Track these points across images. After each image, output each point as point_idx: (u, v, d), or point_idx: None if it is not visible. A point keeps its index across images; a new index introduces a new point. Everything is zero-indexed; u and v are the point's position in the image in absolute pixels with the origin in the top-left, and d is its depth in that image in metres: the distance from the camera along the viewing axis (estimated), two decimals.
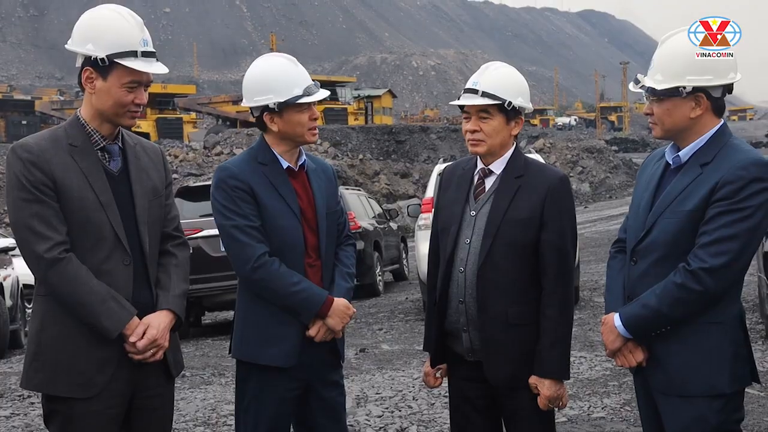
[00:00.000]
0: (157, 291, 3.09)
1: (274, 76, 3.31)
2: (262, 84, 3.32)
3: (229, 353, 3.45)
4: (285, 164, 3.37)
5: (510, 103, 3.18)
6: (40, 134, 3.04)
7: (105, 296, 2.92)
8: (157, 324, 3.01)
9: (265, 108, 3.32)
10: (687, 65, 2.91)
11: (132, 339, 2.96)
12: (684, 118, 2.94)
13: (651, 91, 2.96)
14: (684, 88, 2.91)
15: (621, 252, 3.18)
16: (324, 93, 3.40)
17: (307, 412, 3.39)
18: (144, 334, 2.97)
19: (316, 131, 3.41)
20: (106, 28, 2.96)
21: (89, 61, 2.96)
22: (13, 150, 2.94)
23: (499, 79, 3.20)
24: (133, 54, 2.96)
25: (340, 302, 3.33)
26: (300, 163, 3.42)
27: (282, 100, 3.28)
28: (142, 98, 3.02)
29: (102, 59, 2.94)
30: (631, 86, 3.09)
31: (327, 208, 3.42)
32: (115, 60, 2.94)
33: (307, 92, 3.31)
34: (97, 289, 2.91)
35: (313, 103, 3.36)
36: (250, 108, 3.38)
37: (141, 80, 3.00)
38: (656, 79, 2.94)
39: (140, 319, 3.00)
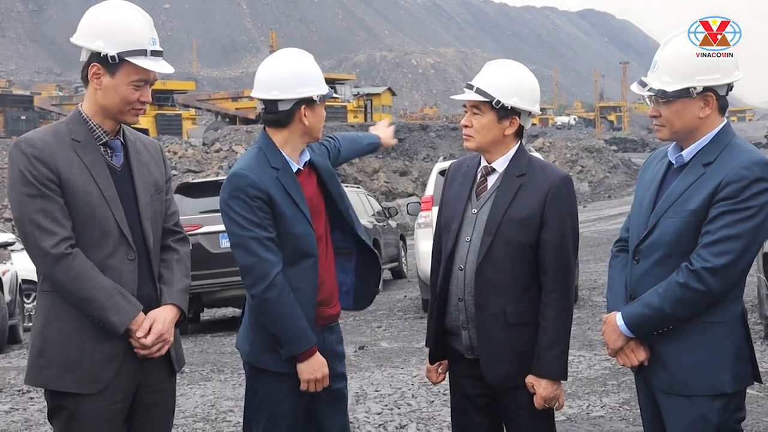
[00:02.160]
0: (161, 286, 3.09)
1: (314, 69, 3.31)
2: (308, 76, 3.27)
3: (240, 354, 3.40)
4: (294, 167, 3.32)
5: (498, 102, 3.16)
6: (42, 129, 3.03)
7: (111, 291, 2.91)
8: (162, 319, 3.01)
9: (305, 101, 3.26)
10: (695, 65, 2.90)
11: (138, 334, 2.95)
12: (693, 119, 2.93)
13: (661, 94, 2.94)
14: (694, 88, 2.90)
15: (623, 251, 3.17)
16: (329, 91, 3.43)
17: (313, 404, 3.38)
18: (150, 329, 2.97)
19: None
20: (118, 26, 2.96)
21: (97, 57, 2.95)
22: (17, 145, 2.92)
23: (496, 77, 3.19)
24: (142, 53, 2.96)
25: (319, 359, 3.23)
26: (305, 160, 3.37)
27: (324, 93, 3.30)
28: (147, 96, 3.03)
29: (113, 57, 2.93)
30: (635, 88, 3.05)
31: (340, 196, 3.42)
32: (126, 58, 2.94)
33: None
34: (103, 284, 2.90)
35: None
36: (278, 100, 3.24)
37: (148, 78, 3.00)
38: (664, 80, 2.92)
39: (145, 314, 3.00)
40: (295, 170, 3.31)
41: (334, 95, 3.61)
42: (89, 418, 2.92)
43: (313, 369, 3.23)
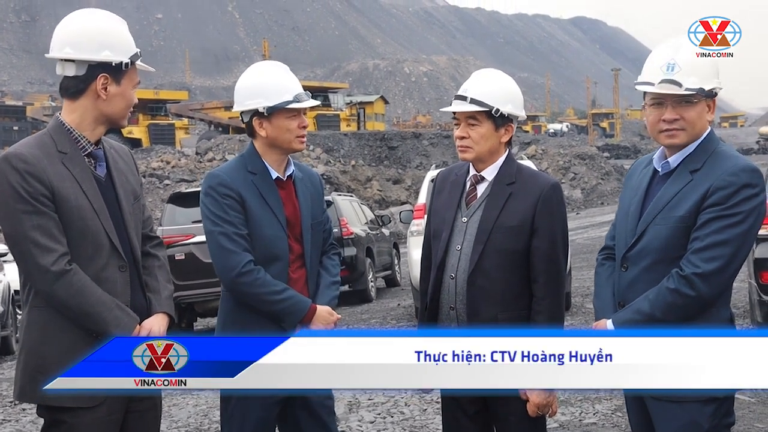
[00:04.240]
0: (148, 294, 3.10)
1: (266, 81, 3.34)
2: (254, 88, 3.35)
3: None
4: (274, 174, 3.39)
5: (497, 110, 3.18)
6: (27, 143, 2.96)
7: (111, 305, 2.91)
8: (158, 329, 3.02)
9: (255, 112, 3.34)
10: (714, 67, 2.93)
11: None
12: (705, 123, 2.95)
13: (701, 91, 2.88)
14: (713, 89, 2.91)
15: (609, 259, 3.19)
16: (313, 102, 3.42)
17: (291, 413, 3.37)
18: None
19: (305, 139, 3.43)
20: (118, 34, 3.00)
21: (106, 68, 2.96)
22: (6, 160, 2.86)
23: (488, 86, 3.21)
24: (138, 55, 3.03)
25: (323, 310, 3.34)
26: (288, 173, 3.44)
27: (271, 105, 3.31)
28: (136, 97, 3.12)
29: (126, 64, 2.98)
30: (663, 88, 2.88)
31: (312, 218, 3.44)
32: (135, 62, 3.00)
33: (297, 99, 3.34)
34: (103, 298, 2.90)
35: (303, 111, 3.38)
36: (241, 113, 3.40)
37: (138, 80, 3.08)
38: (692, 80, 2.89)
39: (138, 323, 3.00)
40: (274, 177, 3.38)
41: (299, 105, 3.56)
42: (88, 430, 2.90)
43: (325, 324, 3.31)
